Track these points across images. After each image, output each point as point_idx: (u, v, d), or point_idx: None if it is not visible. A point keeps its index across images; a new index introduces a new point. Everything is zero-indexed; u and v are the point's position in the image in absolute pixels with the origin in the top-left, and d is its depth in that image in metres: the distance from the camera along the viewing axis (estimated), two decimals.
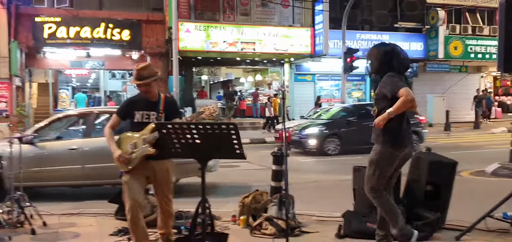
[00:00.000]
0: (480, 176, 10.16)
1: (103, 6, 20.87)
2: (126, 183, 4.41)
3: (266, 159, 12.23)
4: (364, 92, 26.76)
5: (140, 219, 4.42)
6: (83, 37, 19.94)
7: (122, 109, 4.67)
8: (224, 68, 25.50)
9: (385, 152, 4.23)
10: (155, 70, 4.57)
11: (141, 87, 4.45)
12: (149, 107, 4.48)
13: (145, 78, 4.42)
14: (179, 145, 3.64)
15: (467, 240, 5.12)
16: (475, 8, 26.99)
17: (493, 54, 25.63)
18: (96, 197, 8.25)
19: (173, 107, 4.63)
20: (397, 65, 4.35)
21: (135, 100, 4.62)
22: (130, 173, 4.41)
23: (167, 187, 4.56)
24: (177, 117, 4.58)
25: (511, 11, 5.31)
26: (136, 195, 4.38)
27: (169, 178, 4.58)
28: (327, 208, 7.10)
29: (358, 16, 24.65)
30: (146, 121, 4.45)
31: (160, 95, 4.56)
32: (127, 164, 4.39)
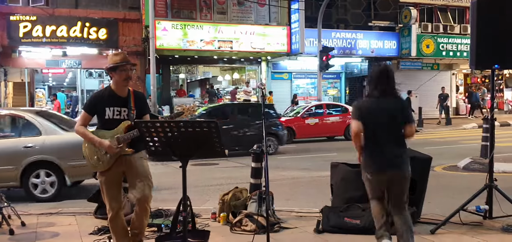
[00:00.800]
0: (452, 171, 10.36)
1: (79, 5, 20.52)
2: (103, 183, 4.26)
3: (244, 156, 12.25)
4: (339, 90, 27.01)
5: (120, 218, 4.34)
6: (59, 36, 19.58)
7: (89, 104, 4.35)
8: (202, 66, 25.38)
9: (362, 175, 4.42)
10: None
11: (127, 71, 4.19)
12: (119, 103, 4.22)
13: (129, 61, 4.25)
14: (159, 143, 3.61)
15: (442, 233, 5.21)
16: (446, 7, 27.50)
17: (463, 52, 26.20)
18: (74, 196, 8.12)
19: (143, 103, 4.41)
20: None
21: (101, 95, 4.33)
22: (105, 173, 4.22)
23: (144, 178, 4.23)
24: (147, 112, 4.40)
25: (482, 10, 5.42)
26: (115, 194, 4.27)
27: (145, 168, 4.28)
28: (306, 204, 7.16)
29: (333, 15, 24.86)
30: (117, 117, 4.21)
31: (129, 90, 4.30)
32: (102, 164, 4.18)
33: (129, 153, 4.18)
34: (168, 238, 4.00)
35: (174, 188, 8.22)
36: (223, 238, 5.19)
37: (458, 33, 26.69)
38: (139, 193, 4.21)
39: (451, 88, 28.44)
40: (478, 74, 30.65)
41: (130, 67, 4.24)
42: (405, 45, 25.47)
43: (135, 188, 4.23)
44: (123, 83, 4.23)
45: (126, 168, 4.25)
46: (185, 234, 3.65)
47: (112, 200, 4.24)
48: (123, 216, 4.41)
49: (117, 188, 4.30)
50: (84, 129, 4.22)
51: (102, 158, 4.18)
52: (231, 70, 26.73)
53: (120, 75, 4.18)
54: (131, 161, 4.22)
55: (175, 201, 4.07)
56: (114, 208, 4.25)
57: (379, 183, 4.28)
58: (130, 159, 4.22)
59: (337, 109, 18.74)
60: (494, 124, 5.86)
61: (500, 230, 5.24)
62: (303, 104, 19.93)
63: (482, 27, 5.41)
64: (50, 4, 20.09)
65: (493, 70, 5.71)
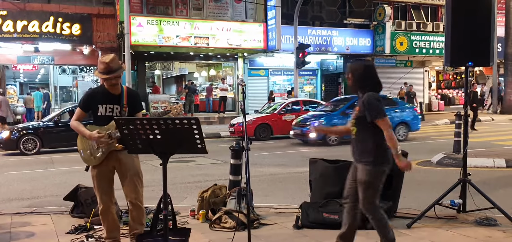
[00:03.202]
0: (426, 166, 10.56)
1: (51, 0, 20.09)
2: (94, 177, 4.40)
3: (222, 153, 12.22)
4: (315, 86, 27.20)
5: (111, 211, 4.46)
6: (31, 31, 19.17)
7: (84, 101, 4.47)
8: (178, 63, 25.19)
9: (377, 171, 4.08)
10: (120, 62, 4.43)
11: (111, 80, 4.26)
12: (112, 100, 4.35)
13: (114, 71, 4.27)
14: (140, 140, 3.57)
15: (418, 227, 5.31)
16: (419, 5, 27.99)
17: (436, 49, 26.75)
18: (48, 195, 7.97)
19: (136, 100, 4.51)
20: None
21: (96, 92, 4.47)
22: (97, 168, 4.36)
23: (136, 177, 4.40)
24: (139, 110, 4.50)
25: (456, 8, 5.54)
26: (106, 188, 4.40)
27: (135, 166, 4.41)
28: (284, 199, 7.20)
29: (309, 12, 25.04)
30: (109, 114, 4.34)
31: (122, 88, 4.42)
32: (97, 155, 4.30)
33: (119, 148, 4.28)
34: (149, 237, 3.96)
35: (152, 185, 8.15)
36: (203, 235, 5.17)
37: (431, 31, 27.21)
38: (130, 191, 4.39)
39: (423, 85, 29.00)
40: (450, 71, 31.34)
41: (114, 76, 4.26)
42: (380, 42, 25.83)
43: (125, 184, 4.41)
44: (111, 88, 4.34)
45: (117, 164, 4.38)
46: (167, 232, 3.62)
47: (103, 193, 4.38)
48: (114, 211, 4.52)
49: (108, 182, 4.42)
50: (78, 123, 4.38)
51: (94, 152, 4.33)
52: (208, 67, 26.63)
53: (106, 82, 4.31)
54: (121, 157, 4.34)
55: (154, 199, 4.05)
56: (104, 201, 4.39)
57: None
58: (121, 155, 4.32)
59: (314, 105, 18.85)
60: (467, 119, 5.99)
61: (473, 223, 5.38)
62: (280, 101, 19.98)
63: (457, 26, 5.53)
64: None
65: (466, 68, 5.84)
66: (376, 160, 4.00)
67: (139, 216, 4.49)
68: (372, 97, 3.99)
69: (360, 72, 4.14)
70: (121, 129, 3.54)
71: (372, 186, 4.04)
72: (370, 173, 4.02)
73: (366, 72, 4.16)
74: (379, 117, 3.94)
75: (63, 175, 10.11)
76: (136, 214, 4.46)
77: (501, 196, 6.83)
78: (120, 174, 4.41)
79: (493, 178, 8.73)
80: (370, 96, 3.99)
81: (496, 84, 27.29)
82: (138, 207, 4.45)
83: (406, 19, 27.37)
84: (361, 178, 4.07)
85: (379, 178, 4.07)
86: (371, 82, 4.12)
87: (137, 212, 4.46)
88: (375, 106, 3.95)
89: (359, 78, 4.12)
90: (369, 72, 4.17)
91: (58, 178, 9.79)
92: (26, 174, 10.35)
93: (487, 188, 6.94)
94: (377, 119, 3.94)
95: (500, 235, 4.98)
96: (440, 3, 27.24)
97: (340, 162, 5.97)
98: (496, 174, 9.27)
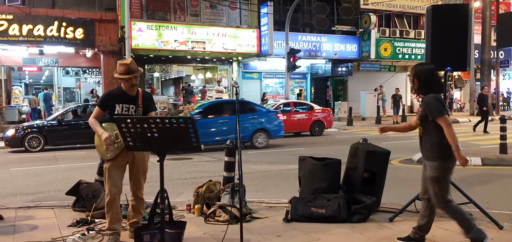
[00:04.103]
0: (408, 164, 10.61)
1: (56, 5, 19.96)
2: (107, 169, 4.49)
3: (217, 151, 12.22)
4: (305, 89, 27.24)
5: (117, 204, 4.54)
6: (36, 35, 19.01)
7: (102, 101, 4.66)
8: (175, 66, 25.11)
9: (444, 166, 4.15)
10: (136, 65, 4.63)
11: (131, 80, 4.46)
12: (128, 101, 4.52)
13: (134, 71, 4.47)
14: (138, 138, 3.56)
15: (399, 221, 5.34)
16: (403, 14, 28.12)
17: (418, 55, 26.88)
18: (51, 190, 7.92)
19: (150, 102, 4.67)
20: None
21: (114, 93, 4.62)
22: (111, 161, 4.47)
23: (142, 173, 4.62)
24: (153, 110, 4.66)
25: (436, 17, 5.59)
26: (116, 180, 4.48)
27: (145, 166, 4.63)
28: (275, 195, 7.21)
29: (299, 19, 25.08)
30: (125, 113, 4.50)
31: (138, 90, 4.60)
32: (111, 151, 4.41)
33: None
34: (146, 229, 3.96)
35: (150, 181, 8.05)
36: (198, 228, 5.17)
37: (413, 38, 27.35)
38: (135, 185, 4.60)
39: (406, 88, 29.16)
40: None
41: (134, 76, 4.48)
42: (365, 48, 25.93)
43: (132, 179, 4.60)
44: (129, 89, 4.53)
45: (130, 161, 4.56)
46: (163, 225, 3.61)
47: (112, 186, 4.47)
48: (119, 203, 4.62)
49: (119, 176, 4.52)
50: (95, 121, 4.51)
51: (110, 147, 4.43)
52: (204, 70, 26.57)
53: (125, 83, 4.52)
54: (135, 155, 4.52)
55: (152, 194, 4.04)
56: (112, 193, 4.48)
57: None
58: (135, 153, 4.48)
59: (304, 107, 18.90)
60: None
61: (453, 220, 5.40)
62: (272, 102, 20.00)
63: (436, 34, 5.58)
64: (27, 4, 19.47)
65: (445, 72, 5.89)
66: (441, 156, 4.10)
67: (139, 206, 4.69)
68: (432, 98, 4.09)
69: (425, 76, 4.23)
70: (120, 127, 3.53)
71: (440, 181, 4.13)
72: (437, 168, 4.12)
73: (428, 76, 4.24)
74: (438, 115, 4.03)
75: (65, 171, 10.05)
76: (137, 205, 4.67)
77: (477, 192, 6.88)
78: (131, 170, 4.60)
79: (470, 175, 8.80)
80: (430, 97, 4.10)
81: (473, 88, 27.49)
82: (139, 198, 4.66)
83: (390, 27, 27.49)
84: (429, 174, 4.18)
85: (446, 173, 4.16)
86: (431, 84, 4.20)
87: (138, 203, 4.67)
88: (434, 106, 4.06)
89: (424, 82, 4.21)
90: (431, 76, 4.26)
91: (61, 174, 9.73)
92: (30, 170, 10.28)
93: (464, 185, 6.98)
94: (437, 118, 4.04)
95: None
96: (422, 12, 27.37)
97: (327, 160, 5.99)
98: (472, 171, 9.34)
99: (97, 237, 4.76)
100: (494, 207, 5.94)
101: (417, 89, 4.27)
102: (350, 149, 5.95)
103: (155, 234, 3.86)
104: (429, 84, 4.20)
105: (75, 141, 14.39)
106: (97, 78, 22.89)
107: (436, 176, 4.14)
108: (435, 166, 4.13)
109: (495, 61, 27.07)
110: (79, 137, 14.24)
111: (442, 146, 4.11)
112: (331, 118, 18.73)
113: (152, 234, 3.88)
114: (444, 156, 4.12)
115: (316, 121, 18.03)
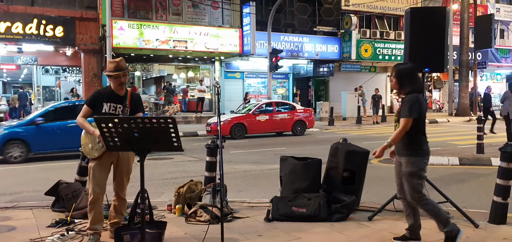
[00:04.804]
0: (387, 163, 10.71)
1: (35, 3, 19.60)
2: (92, 169, 4.46)
3: (199, 151, 12.18)
4: (287, 89, 27.34)
5: (99, 204, 4.50)
6: (15, 32, 18.66)
7: (91, 99, 4.61)
8: (157, 65, 24.94)
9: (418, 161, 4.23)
10: (125, 63, 4.64)
11: (120, 78, 4.46)
12: (116, 100, 4.51)
13: (123, 69, 4.49)
14: (119, 138, 3.53)
15: (378, 220, 5.41)
16: (383, 15, 28.46)
17: (398, 56, 27.23)
18: (30, 190, 7.79)
19: (138, 103, 4.65)
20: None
21: (103, 92, 4.60)
22: (96, 160, 4.45)
23: (126, 174, 4.60)
24: (140, 111, 4.64)
25: (414, 19, 5.68)
26: (100, 180, 4.46)
27: (129, 165, 4.61)
28: (257, 194, 7.23)
29: (282, 20, 25.15)
30: (112, 112, 4.48)
31: (126, 90, 4.60)
32: (96, 150, 4.41)
33: None
34: (126, 229, 3.93)
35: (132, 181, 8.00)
36: (179, 228, 5.15)
37: (393, 39, 27.69)
38: (118, 186, 4.58)
39: (386, 89, 29.53)
40: None
41: (123, 73, 4.49)
42: (346, 49, 26.15)
43: (116, 180, 4.58)
44: (118, 87, 4.52)
45: (115, 161, 4.52)
46: (143, 225, 3.59)
47: (96, 185, 4.44)
48: (102, 204, 4.57)
49: (104, 176, 4.50)
50: (83, 119, 4.50)
51: (95, 146, 4.44)
52: (186, 69, 26.45)
53: (114, 81, 4.51)
54: (119, 155, 4.51)
55: (133, 194, 4.01)
56: (96, 192, 4.44)
57: None
58: (120, 153, 4.47)
59: (286, 107, 18.97)
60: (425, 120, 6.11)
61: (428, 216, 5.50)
62: (254, 102, 20.02)
63: (415, 34, 5.67)
64: (4, 1, 19.08)
65: (423, 73, 5.98)
66: (416, 152, 4.20)
67: (121, 207, 4.67)
68: (412, 98, 4.18)
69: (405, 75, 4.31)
70: (100, 126, 3.50)
71: (415, 176, 4.21)
72: (412, 163, 4.21)
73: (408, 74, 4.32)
74: (405, 115, 4.15)
75: (45, 171, 9.89)
76: (119, 205, 4.65)
77: (454, 191, 7.03)
78: (115, 171, 4.57)
79: (447, 175, 8.97)
80: (410, 97, 4.19)
81: (451, 89, 27.99)
82: (122, 199, 4.65)
83: (371, 28, 27.78)
84: (404, 169, 4.26)
85: (421, 168, 4.23)
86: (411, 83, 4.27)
87: (120, 203, 4.65)
88: (408, 106, 4.16)
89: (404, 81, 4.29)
90: (411, 75, 4.34)
91: (40, 173, 9.57)
92: (8, 170, 10.08)
93: (442, 184, 7.12)
94: (402, 116, 4.17)
95: None
96: (402, 13, 27.72)
97: (308, 159, 6.04)
98: (449, 171, 9.51)
99: (76, 238, 4.71)
100: (470, 206, 6.07)
101: (398, 88, 4.35)
102: (331, 149, 6.01)
103: (135, 234, 3.83)
104: (409, 83, 4.28)
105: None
106: (78, 77, 22.56)
107: (410, 170, 4.23)
108: (410, 161, 4.23)
109: (472, 63, 27.60)
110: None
111: (417, 142, 4.23)
112: (312, 118, 18.84)
113: (132, 234, 3.85)
114: (418, 152, 4.24)
115: (298, 121, 18.12)
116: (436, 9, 6.52)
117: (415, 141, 4.23)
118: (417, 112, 4.17)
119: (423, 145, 4.25)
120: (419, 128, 4.23)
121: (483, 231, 4.96)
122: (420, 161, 4.24)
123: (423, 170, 4.27)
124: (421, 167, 4.25)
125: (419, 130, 4.23)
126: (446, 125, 22.16)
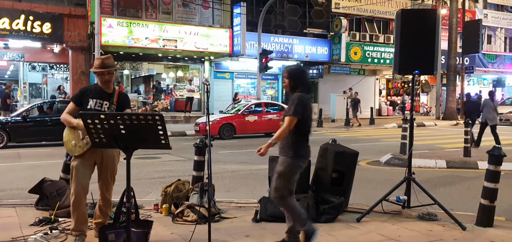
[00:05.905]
0: (375, 165, 10.77)
1: None
2: (74, 168, 4.30)
3: (187, 150, 12.08)
4: (276, 90, 27.33)
5: (83, 204, 4.34)
6: (1, 28, 18.37)
7: (77, 96, 4.48)
8: (146, 63, 24.75)
9: (294, 164, 4.22)
10: (115, 62, 4.53)
11: (104, 75, 4.36)
12: (103, 97, 4.40)
13: (108, 66, 4.38)
14: (105, 134, 3.46)
15: (366, 221, 5.39)
16: (372, 18, 28.61)
17: (386, 59, 27.42)
18: (14, 188, 7.64)
19: (125, 101, 4.55)
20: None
21: (90, 89, 4.49)
22: (79, 158, 4.31)
23: (111, 174, 4.46)
24: (128, 109, 4.55)
25: (405, 21, 5.67)
26: (83, 179, 4.31)
27: (114, 165, 4.48)
28: (245, 195, 7.17)
29: (272, 21, 25.15)
30: (98, 109, 4.35)
31: (114, 88, 4.51)
32: (80, 146, 4.28)
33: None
34: (111, 228, 3.85)
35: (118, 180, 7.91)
36: (165, 228, 5.07)
37: (382, 42, 27.86)
38: (103, 185, 4.44)
39: (375, 91, 29.70)
40: (398, 79, 32.18)
41: (107, 71, 4.38)
42: (336, 51, 26.24)
43: (101, 179, 4.45)
44: (104, 84, 4.41)
45: (99, 159, 4.39)
46: (129, 224, 3.52)
47: (78, 185, 4.29)
48: (85, 204, 4.42)
49: (86, 175, 4.35)
50: (68, 115, 4.38)
51: (78, 142, 4.30)
52: (175, 68, 26.28)
53: (100, 78, 4.42)
54: (103, 153, 4.37)
55: (119, 193, 3.93)
56: (78, 193, 4.28)
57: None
58: (103, 151, 4.34)
59: (275, 107, 18.95)
60: (413, 123, 6.13)
61: (416, 218, 5.52)
62: (244, 102, 19.96)
63: (405, 38, 5.66)
64: None
65: (413, 76, 5.98)
66: (293, 154, 4.18)
67: (106, 207, 4.54)
68: (296, 97, 4.18)
69: (294, 75, 4.33)
70: (85, 122, 3.41)
71: (286, 177, 4.19)
72: (287, 164, 4.18)
73: (297, 75, 4.35)
74: (289, 114, 4.13)
75: (29, 169, 9.72)
76: (104, 205, 4.51)
77: (441, 193, 7.05)
78: (99, 169, 4.43)
79: (435, 177, 9.01)
80: (295, 96, 4.21)
81: (439, 93, 28.23)
82: (107, 199, 4.50)
83: (361, 31, 27.91)
84: (278, 168, 4.23)
85: (294, 171, 4.21)
86: (300, 83, 4.30)
87: (105, 203, 4.51)
88: (293, 104, 4.14)
89: (294, 81, 4.31)
90: (300, 76, 4.37)
91: (24, 172, 9.40)
92: None
93: (429, 186, 7.15)
94: (286, 115, 4.16)
95: (440, 228, 5.13)
96: (391, 17, 27.92)
97: None
98: (437, 173, 9.56)
99: (60, 237, 4.60)
100: (457, 209, 6.09)
101: (289, 89, 4.37)
102: (320, 150, 5.98)
103: (120, 233, 3.75)
104: (298, 83, 4.31)
105: (40, 138, 13.94)
106: (65, 74, 22.28)
107: (283, 170, 4.20)
108: (285, 161, 4.20)
109: (460, 67, 27.89)
110: (44, 134, 13.80)
111: (296, 144, 4.20)
112: None
113: (117, 233, 3.77)
114: (296, 154, 4.20)
115: None
116: (427, 12, 6.52)
117: (295, 142, 4.19)
118: (301, 113, 4.15)
119: (301, 149, 4.21)
120: (302, 130, 4.20)
121: (470, 233, 4.97)
122: (296, 164, 4.21)
123: (295, 173, 4.24)
124: (294, 171, 4.22)
125: (301, 132, 4.20)
126: (434, 128, 22.33)
